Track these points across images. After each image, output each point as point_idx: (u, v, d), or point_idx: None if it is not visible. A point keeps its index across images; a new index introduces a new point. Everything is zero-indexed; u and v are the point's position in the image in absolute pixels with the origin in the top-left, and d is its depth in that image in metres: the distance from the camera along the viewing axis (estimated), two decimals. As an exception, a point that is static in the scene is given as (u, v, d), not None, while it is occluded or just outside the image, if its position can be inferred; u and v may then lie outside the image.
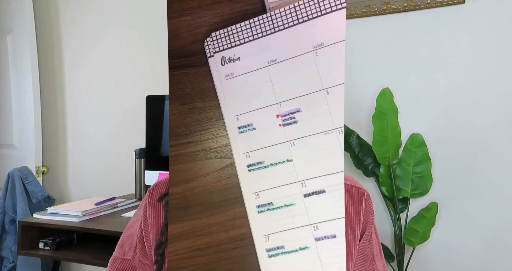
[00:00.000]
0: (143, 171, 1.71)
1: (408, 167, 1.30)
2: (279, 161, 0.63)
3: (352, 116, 1.51)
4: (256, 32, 0.64)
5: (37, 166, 2.07)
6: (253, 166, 0.64)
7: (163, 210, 0.70)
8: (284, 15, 0.63)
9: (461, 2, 1.35)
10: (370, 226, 0.72)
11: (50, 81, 2.17)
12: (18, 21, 2.07)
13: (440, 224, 1.40)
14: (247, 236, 0.63)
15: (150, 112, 1.56)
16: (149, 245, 0.70)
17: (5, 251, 1.92)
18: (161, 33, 1.84)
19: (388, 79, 1.48)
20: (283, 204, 0.63)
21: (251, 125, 0.64)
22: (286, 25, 0.63)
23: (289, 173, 0.63)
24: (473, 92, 1.38)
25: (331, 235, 0.61)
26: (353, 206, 0.70)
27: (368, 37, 1.51)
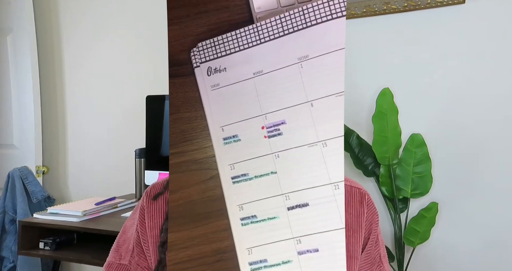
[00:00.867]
0: (143, 171, 1.71)
1: (408, 167, 1.30)
2: (264, 173, 0.63)
3: (352, 116, 1.51)
4: (242, 43, 0.64)
5: (37, 166, 2.07)
6: (237, 178, 0.63)
7: (161, 210, 0.69)
8: (270, 26, 0.63)
9: (461, 2, 1.35)
10: (376, 227, 0.71)
11: (50, 81, 2.17)
12: (18, 21, 2.07)
13: (440, 224, 1.40)
14: (231, 249, 0.62)
15: (150, 112, 1.56)
16: (147, 248, 0.69)
17: (5, 251, 1.92)
18: (161, 33, 1.85)
19: (388, 79, 1.48)
20: (267, 216, 0.62)
21: (236, 136, 0.63)
22: (271, 37, 0.63)
23: (273, 185, 0.62)
24: (473, 92, 1.38)
25: (314, 249, 0.61)
26: (355, 207, 0.70)
27: (368, 37, 1.51)
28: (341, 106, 0.61)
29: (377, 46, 1.50)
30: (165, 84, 0.76)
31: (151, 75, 1.92)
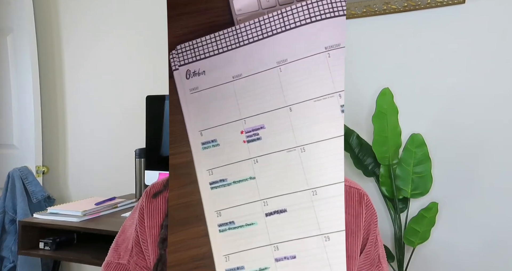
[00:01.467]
0: (143, 171, 1.71)
1: (408, 167, 1.30)
2: (242, 178, 0.62)
3: (352, 116, 1.51)
4: (222, 46, 0.63)
5: (37, 166, 2.07)
6: (216, 183, 0.63)
7: (161, 209, 0.69)
8: (249, 29, 0.62)
9: (461, 2, 1.35)
10: (375, 228, 0.71)
11: (50, 81, 2.17)
12: (18, 21, 2.07)
13: (440, 224, 1.40)
14: (208, 256, 0.62)
15: (150, 112, 1.56)
16: (146, 247, 0.69)
17: (5, 251, 1.92)
18: (161, 33, 1.84)
19: (388, 79, 1.48)
20: (245, 223, 0.61)
21: (215, 141, 0.63)
22: (251, 40, 0.62)
23: (252, 191, 0.61)
24: (473, 92, 1.38)
25: (291, 256, 0.60)
26: (354, 208, 0.69)
27: (368, 37, 1.51)
28: (321, 111, 0.60)
29: (377, 46, 1.50)
30: (165, 84, 0.76)
31: (151, 75, 1.92)
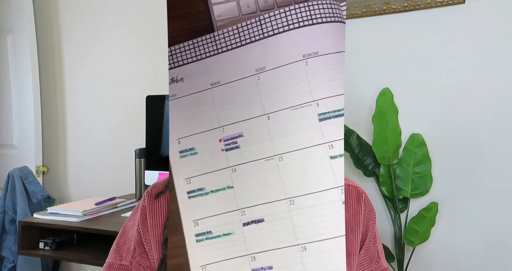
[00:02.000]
0: (143, 171, 1.71)
1: (408, 167, 1.30)
2: (220, 187, 0.61)
3: (352, 116, 1.51)
4: (200, 53, 0.62)
5: (37, 166, 2.07)
6: (193, 192, 0.62)
7: (163, 209, 0.69)
8: (228, 36, 0.62)
9: (461, 2, 1.35)
10: (373, 225, 0.72)
11: (50, 81, 2.17)
12: (18, 21, 2.07)
13: (440, 224, 1.40)
14: (185, 266, 0.61)
15: (150, 112, 1.56)
16: (149, 247, 0.69)
17: (5, 251, 1.92)
18: (161, 33, 1.84)
19: (388, 79, 1.48)
20: (222, 233, 0.61)
21: (193, 149, 0.62)
22: (229, 47, 0.62)
23: (230, 200, 0.61)
24: (473, 92, 1.38)
25: (268, 267, 0.59)
26: (353, 205, 0.70)
27: (368, 37, 1.51)
28: (299, 120, 0.59)
29: (377, 46, 1.50)
30: (165, 84, 0.76)
31: (151, 75, 1.92)
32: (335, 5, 0.62)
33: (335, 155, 0.60)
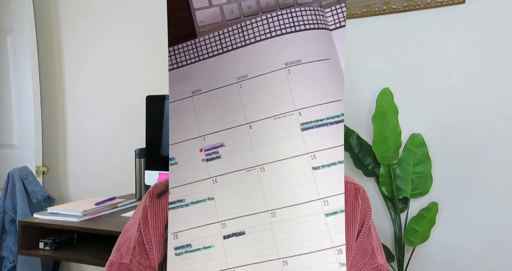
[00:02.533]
0: (143, 171, 1.71)
1: (408, 167, 1.30)
2: (200, 199, 0.60)
3: (352, 116, 1.51)
4: (181, 60, 0.61)
5: (37, 166, 2.07)
6: (173, 203, 0.61)
7: (165, 209, 0.69)
8: (209, 42, 0.60)
9: (461, 2, 1.35)
10: (368, 220, 0.72)
11: (50, 81, 2.17)
12: (18, 21, 2.07)
13: (440, 224, 1.40)
14: None
15: (150, 112, 1.56)
16: (150, 247, 0.69)
17: (5, 251, 1.92)
18: (161, 33, 1.84)
19: (388, 79, 1.48)
20: (202, 246, 0.59)
21: (173, 159, 0.61)
22: (210, 54, 0.60)
23: (210, 212, 0.59)
24: (473, 92, 1.38)
25: None
26: (350, 202, 0.70)
27: (368, 37, 1.51)
28: (280, 130, 0.58)
29: (377, 46, 1.50)
30: (165, 84, 0.75)
31: (151, 75, 1.92)
32: (319, 12, 0.60)
33: (318, 166, 0.58)
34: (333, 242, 0.58)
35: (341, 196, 0.58)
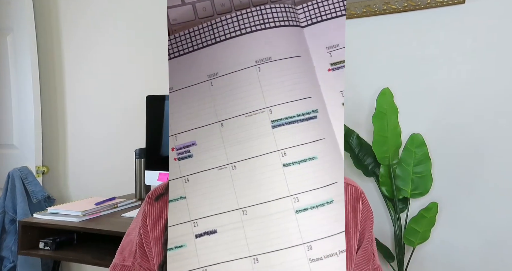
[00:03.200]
0: (143, 171, 1.71)
1: (408, 167, 1.30)
2: (173, 198, 0.60)
3: (352, 116, 1.51)
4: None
5: (37, 166, 2.07)
6: None
7: (163, 212, 0.69)
8: (180, 40, 0.60)
9: (461, 2, 1.35)
10: (371, 226, 0.72)
11: (50, 81, 2.17)
12: (18, 21, 2.07)
13: (440, 224, 1.40)
14: None
15: (150, 112, 1.56)
16: (150, 250, 0.69)
17: (5, 251, 1.92)
18: (161, 33, 1.84)
19: (388, 79, 1.48)
20: (174, 245, 0.59)
21: None
22: (181, 52, 0.60)
23: (182, 211, 0.59)
24: (473, 92, 1.38)
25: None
26: (351, 203, 0.70)
27: (368, 37, 1.51)
28: (251, 127, 0.58)
29: (377, 46, 1.50)
30: (165, 84, 0.75)
31: (151, 75, 1.92)
32: (290, 9, 0.60)
33: (288, 163, 0.58)
34: (303, 239, 0.58)
35: (311, 192, 0.58)
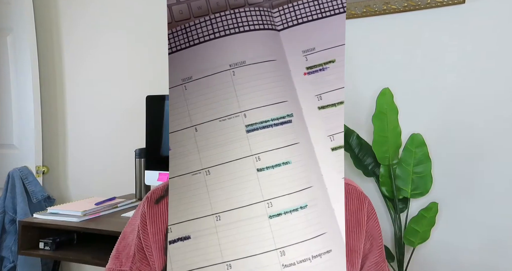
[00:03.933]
0: (143, 171, 1.71)
1: (408, 167, 1.30)
2: None
3: (352, 116, 1.51)
4: None
5: (37, 166, 2.07)
6: None
7: (164, 214, 0.67)
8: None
9: (461, 2, 1.35)
10: (380, 235, 0.71)
11: (50, 81, 2.17)
12: (18, 21, 2.07)
13: (440, 224, 1.40)
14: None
15: (150, 112, 1.56)
16: (151, 254, 0.68)
17: (5, 251, 1.92)
18: (161, 33, 1.84)
19: (388, 79, 1.48)
20: None
21: None
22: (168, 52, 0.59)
23: None
24: (473, 92, 1.38)
25: None
26: (353, 204, 0.70)
27: (368, 37, 1.51)
28: (226, 132, 0.57)
29: (377, 46, 1.50)
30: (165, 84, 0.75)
31: (151, 75, 1.92)
32: (266, 13, 0.60)
33: (262, 167, 0.58)
34: (276, 244, 0.57)
35: (285, 197, 0.58)
